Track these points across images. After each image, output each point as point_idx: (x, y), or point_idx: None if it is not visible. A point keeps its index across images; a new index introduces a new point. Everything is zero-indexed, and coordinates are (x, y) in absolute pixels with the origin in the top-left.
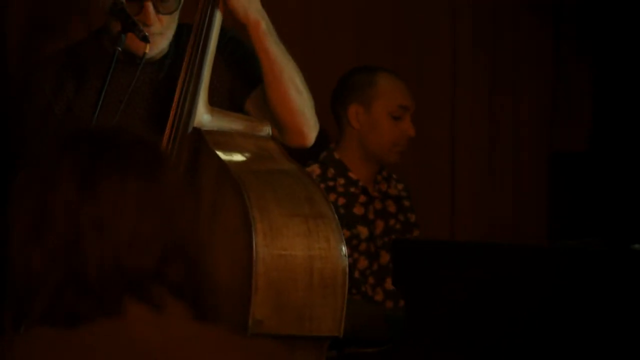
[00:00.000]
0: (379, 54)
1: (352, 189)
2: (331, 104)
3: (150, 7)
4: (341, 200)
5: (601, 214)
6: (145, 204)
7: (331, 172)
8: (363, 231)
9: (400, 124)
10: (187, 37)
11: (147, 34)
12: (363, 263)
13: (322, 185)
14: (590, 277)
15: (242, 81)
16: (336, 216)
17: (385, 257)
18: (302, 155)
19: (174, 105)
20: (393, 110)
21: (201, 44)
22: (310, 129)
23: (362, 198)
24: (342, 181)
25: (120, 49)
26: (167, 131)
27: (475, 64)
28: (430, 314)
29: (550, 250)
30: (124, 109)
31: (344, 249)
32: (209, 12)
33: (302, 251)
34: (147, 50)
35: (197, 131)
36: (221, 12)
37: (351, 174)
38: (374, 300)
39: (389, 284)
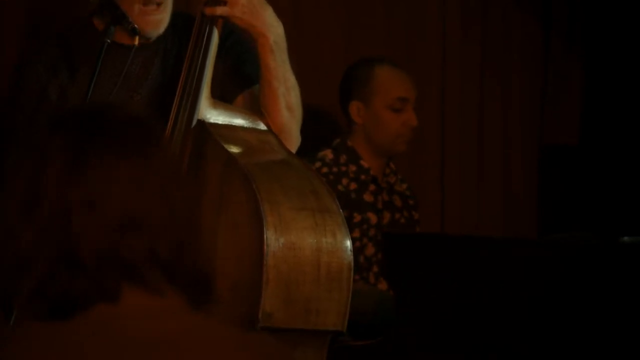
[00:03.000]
0: (369, 48)
1: (363, 177)
2: (339, 98)
3: None
4: (353, 185)
5: (591, 207)
6: (137, 181)
7: (344, 158)
8: (372, 217)
9: (402, 115)
10: (183, 25)
11: (136, 26)
12: (370, 250)
13: (335, 169)
14: (580, 270)
15: (237, 78)
16: (341, 211)
17: None
18: (315, 141)
19: (176, 100)
20: (392, 103)
21: (204, 43)
22: (291, 146)
23: (372, 187)
24: (353, 168)
25: (109, 40)
26: (170, 124)
27: (465, 56)
28: (420, 307)
29: (540, 243)
30: (117, 92)
31: (350, 244)
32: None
33: (309, 245)
34: (135, 43)
35: (202, 123)
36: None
37: (363, 162)
38: (376, 288)
39: None
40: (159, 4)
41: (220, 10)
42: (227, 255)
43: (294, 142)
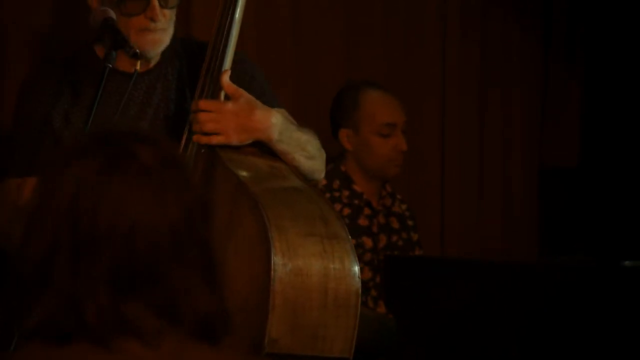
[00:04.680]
0: (369, 69)
1: (357, 201)
2: (330, 124)
3: (156, 1)
4: (346, 211)
5: (592, 230)
6: (145, 205)
7: (337, 183)
8: (367, 242)
9: (391, 140)
10: (183, 50)
11: (137, 50)
12: (367, 274)
13: (327, 195)
14: (581, 294)
15: None
16: (350, 237)
17: None
18: None
19: (188, 125)
20: (380, 129)
21: (216, 65)
22: (319, 178)
23: (367, 210)
24: (346, 193)
25: (110, 65)
26: (182, 143)
27: (464, 77)
28: (420, 330)
29: (540, 266)
30: (120, 118)
31: (358, 270)
32: (225, 31)
33: (317, 271)
34: (137, 68)
35: (211, 148)
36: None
37: (356, 187)
38: (375, 312)
39: None
40: (155, 30)
41: (215, 139)
42: (235, 280)
43: (321, 176)
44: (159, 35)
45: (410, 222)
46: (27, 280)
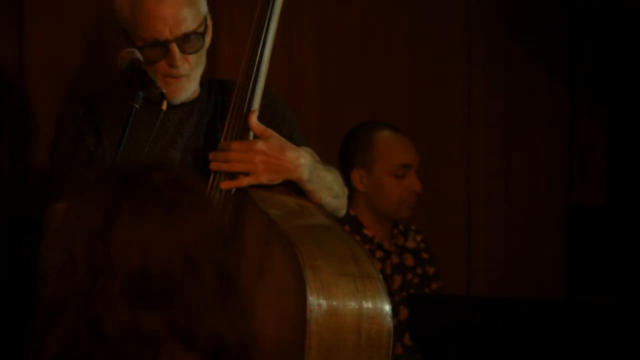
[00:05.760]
0: (393, 110)
1: (368, 246)
2: (339, 165)
3: (176, 48)
4: None
5: (620, 268)
6: (159, 246)
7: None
8: None
9: (404, 181)
10: (219, 89)
11: (164, 91)
12: None
13: None
14: (608, 333)
15: None
16: (380, 276)
17: (404, 313)
18: None
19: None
20: (394, 169)
21: (245, 105)
22: (341, 216)
23: (379, 253)
24: (357, 238)
25: (137, 106)
26: (209, 186)
27: (490, 117)
28: None
29: (567, 304)
30: (151, 146)
31: (389, 309)
32: (254, 70)
33: (351, 311)
34: (164, 108)
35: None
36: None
37: (366, 231)
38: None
39: (407, 340)
40: (178, 76)
41: (245, 180)
42: (267, 319)
43: (344, 212)
44: (182, 83)
45: (425, 255)
46: (47, 306)
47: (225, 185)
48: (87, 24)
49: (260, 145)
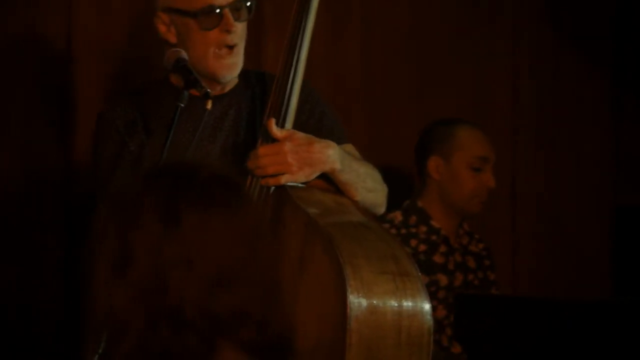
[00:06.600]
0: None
1: (434, 237)
2: (415, 156)
3: (229, 13)
4: (422, 247)
5: None
6: (229, 237)
7: (413, 219)
8: (442, 279)
9: (480, 175)
10: (256, 81)
11: (209, 90)
12: (441, 312)
13: (404, 231)
14: None
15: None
16: (420, 274)
17: None
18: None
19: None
20: (472, 161)
21: (285, 99)
22: (380, 212)
23: (443, 248)
24: (424, 229)
25: (182, 105)
26: (249, 181)
27: (537, 117)
28: None
29: (614, 305)
30: (196, 145)
31: (429, 307)
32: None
33: (391, 309)
34: (208, 107)
35: (281, 187)
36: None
37: (433, 222)
38: (450, 351)
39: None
40: (231, 47)
41: (283, 178)
42: (307, 317)
43: (383, 209)
44: (234, 59)
45: (487, 262)
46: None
47: (265, 182)
48: (136, 7)
49: (287, 145)
